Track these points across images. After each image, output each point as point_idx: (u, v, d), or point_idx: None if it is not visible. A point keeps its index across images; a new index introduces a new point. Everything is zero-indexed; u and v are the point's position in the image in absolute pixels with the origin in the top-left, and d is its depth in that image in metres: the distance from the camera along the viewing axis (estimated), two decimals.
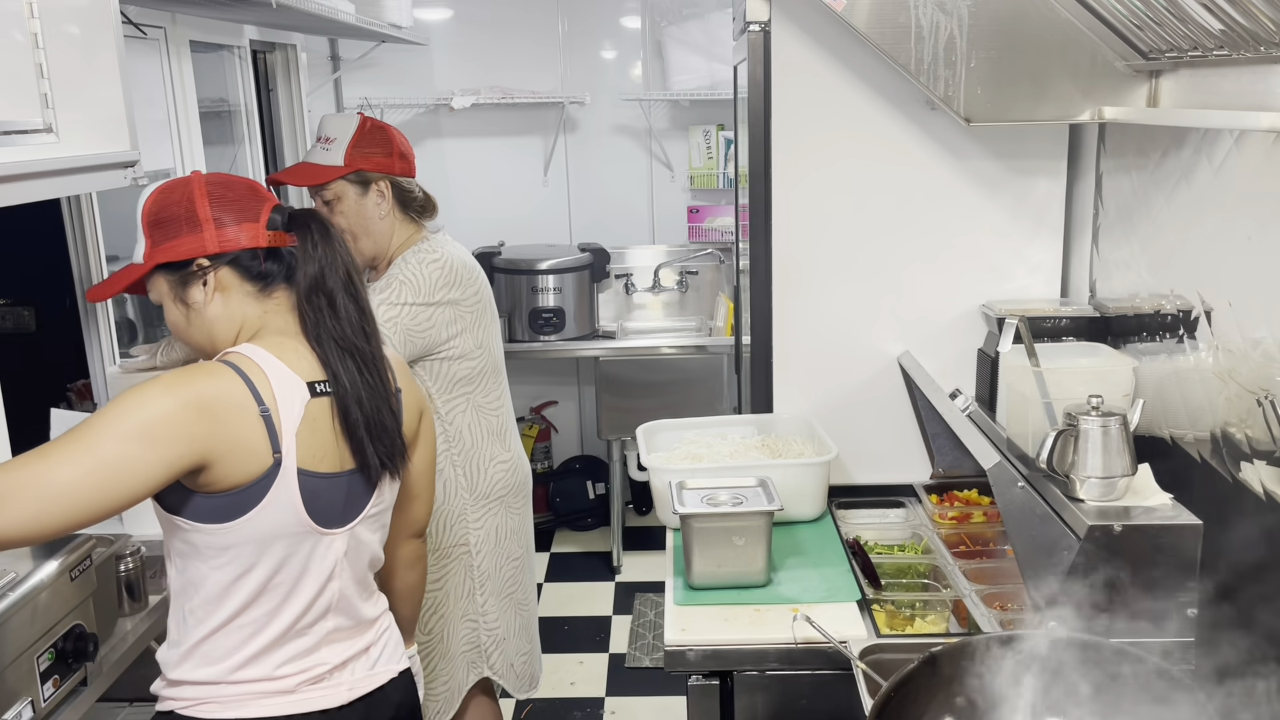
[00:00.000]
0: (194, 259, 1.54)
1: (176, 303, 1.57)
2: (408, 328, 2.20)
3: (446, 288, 2.25)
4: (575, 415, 5.01)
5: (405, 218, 2.36)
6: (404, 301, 2.20)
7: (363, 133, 2.30)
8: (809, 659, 1.81)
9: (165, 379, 1.43)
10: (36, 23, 1.75)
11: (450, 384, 2.31)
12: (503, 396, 2.43)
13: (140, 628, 1.94)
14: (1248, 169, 1.62)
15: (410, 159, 2.38)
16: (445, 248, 2.33)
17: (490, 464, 2.39)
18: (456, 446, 2.34)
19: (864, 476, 2.49)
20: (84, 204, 2.71)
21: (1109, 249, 2.16)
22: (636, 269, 4.65)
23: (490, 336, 2.37)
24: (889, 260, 2.39)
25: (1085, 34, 1.98)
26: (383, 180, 2.30)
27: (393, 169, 2.32)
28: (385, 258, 2.34)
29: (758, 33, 2.29)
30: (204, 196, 1.55)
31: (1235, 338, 1.64)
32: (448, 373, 2.30)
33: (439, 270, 2.26)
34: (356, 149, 2.28)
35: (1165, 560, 1.55)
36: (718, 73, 4.46)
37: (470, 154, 4.76)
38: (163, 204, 1.55)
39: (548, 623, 4.06)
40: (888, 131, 2.32)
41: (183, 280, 1.55)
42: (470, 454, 2.36)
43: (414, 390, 1.73)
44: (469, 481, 2.36)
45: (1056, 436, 1.66)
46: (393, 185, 2.32)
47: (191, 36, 3.23)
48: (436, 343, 2.26)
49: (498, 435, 2.40)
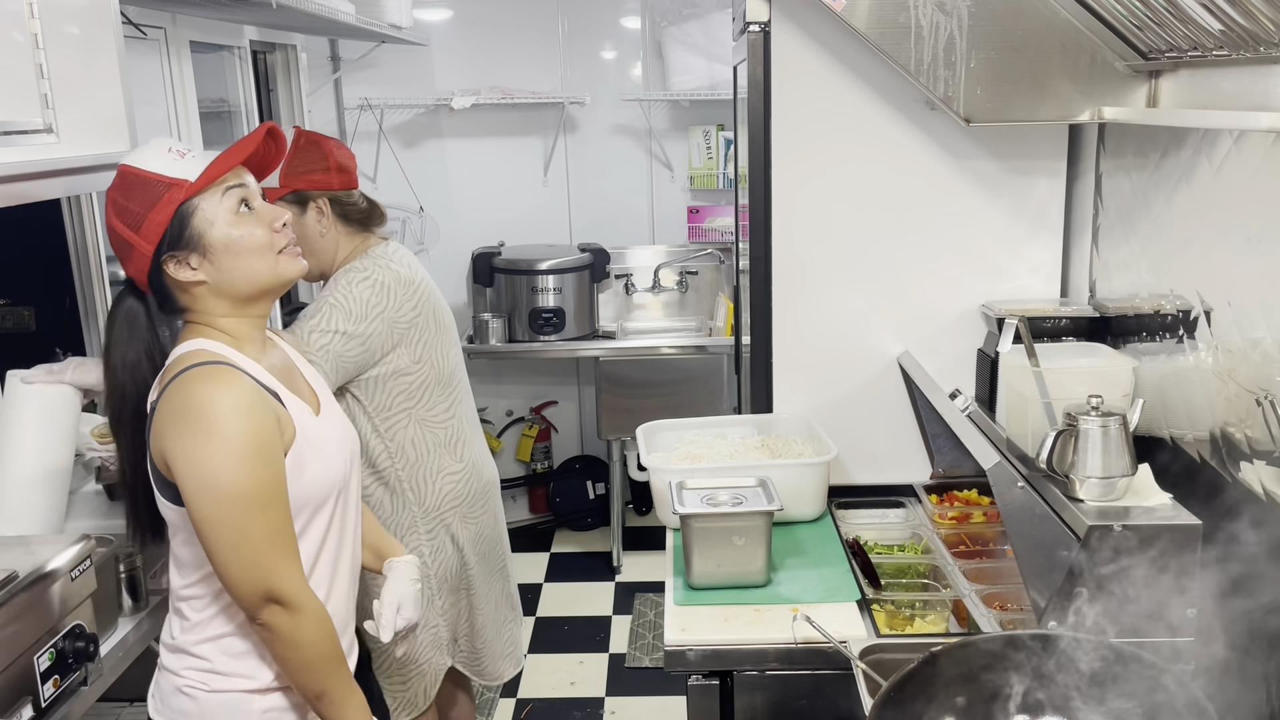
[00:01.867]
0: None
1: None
2: (339, 354, 2.14)
3: (379, 307, 2.20)
4: (575, 415, 5.01)
5: (349, 230, 2.32)
6: (334, 329, 2.14)
7: (296, 150, 2.25)
8: (809, 659, 1.82)
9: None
10: (36, 23, 1.75)
11: (387, 400, 2.26)
12: (453, 407, 2.36)
13: (140, 628, 1.94)
14: (1247, 169, 1.62)
15: (350, 170, 2.32)
16: (382, 262, 2.26)
17: (438, 476, 2.33)
18: (400, 461, 2.30)
19: (864, 476, 2.49)
20: (84, 204, 2.72)
21: (1109, 249, 2.16)
22: (636, 269, 4.65)
23: (433, 350, 2.31)
24: (889, 260, 2.39)
25: (1085, 34, 1.98)
26: (320, 198, 2.26)
27: (330, 184, 2.27)
28: (331, 273, 2.30)
29: (758, 33, 2.29)
30: None
31: (1235, 338, 1.64)
32: (383, 390, 2.25)
33: (369, 289, 2.20)
34: (291, 168, 2.24)
35: (1165, 560, 1.55)
36: (718, 73, 4.46)
37: (470, 154, 4.76)
38: None
39: (548, 623, 4.07)
40: (887, 132, 2.32)
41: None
42: (416, 468, 2.31)
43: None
44: (416, 495, 2.32)
45: (1056, 436, 1.66)
46: (331, 201, 2.28)
47: (191, 36, 3.23)
48: (369, 364, 2.21)
49: (447, 447, 2.35)
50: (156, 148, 1.56)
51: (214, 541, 1.48)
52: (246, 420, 1.48)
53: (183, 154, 1.55)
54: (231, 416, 1.47)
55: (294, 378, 1.69)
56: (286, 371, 1.68)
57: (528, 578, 4.46)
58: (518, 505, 4.96)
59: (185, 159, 1.55)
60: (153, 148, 1.56)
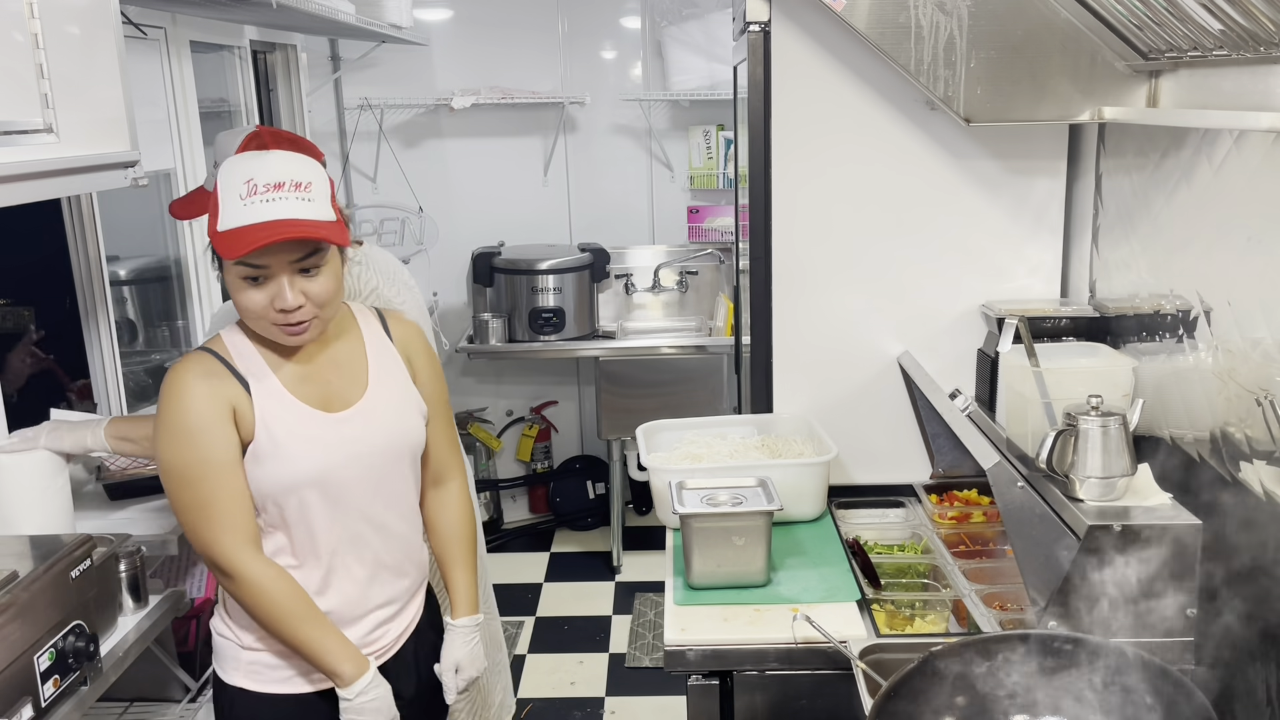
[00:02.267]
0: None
1: (344, 264, 1.73)
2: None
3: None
4: (575, 415, 5.01)
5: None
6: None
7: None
8: (809, 659, 1.82)
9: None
10: (36, 23, 1.75)
11: None
12: None
13: (140, 628, 1.94)
14: (1247, 169, 1.62)
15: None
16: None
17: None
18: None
19: (864, 476, 2.49)
20: (84, 204, 2.72)
21: (1109, 249, 2.16)
22: (636, 269, 4.65)
23: None
24: (889, 260, 2.39)
25: (1085, 34, 1.98)
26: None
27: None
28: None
29: (758, 33, 2.29)
30: None
31: (1235, 338, 1.64)
32: None
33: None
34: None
35: (1165, 560, 1.55)
36: (718, 73, 4.46)
37: (470, 154, 4.75)
38: (327, 177, 1.68)
39: (548, 623, 4.07)
40: (888, 132, 2.32)
41: (342, 247, 1.70)
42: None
43: None
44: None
45: (1056, 436, 1.66)
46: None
47: (191, 36, 3.23)
48: None
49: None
50: (236, 173, 1.59)
51: (172, 506, 1.66)
52: (182, 403, 1.61)
53: (252, 192, 1.57)
54: (170, 398, 1.62)
55: (326, 374, 1.73)
56: (317, 369, 1.72)
57: (528, 578, 4.46)
58: (518, 505, 4.96)
59: (248, 201, 1.57)
60: (234, 171, 1.59)
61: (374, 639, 1.78)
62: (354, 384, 1.75)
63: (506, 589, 4.34)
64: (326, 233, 1.60)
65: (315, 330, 1.66)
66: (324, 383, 1.73)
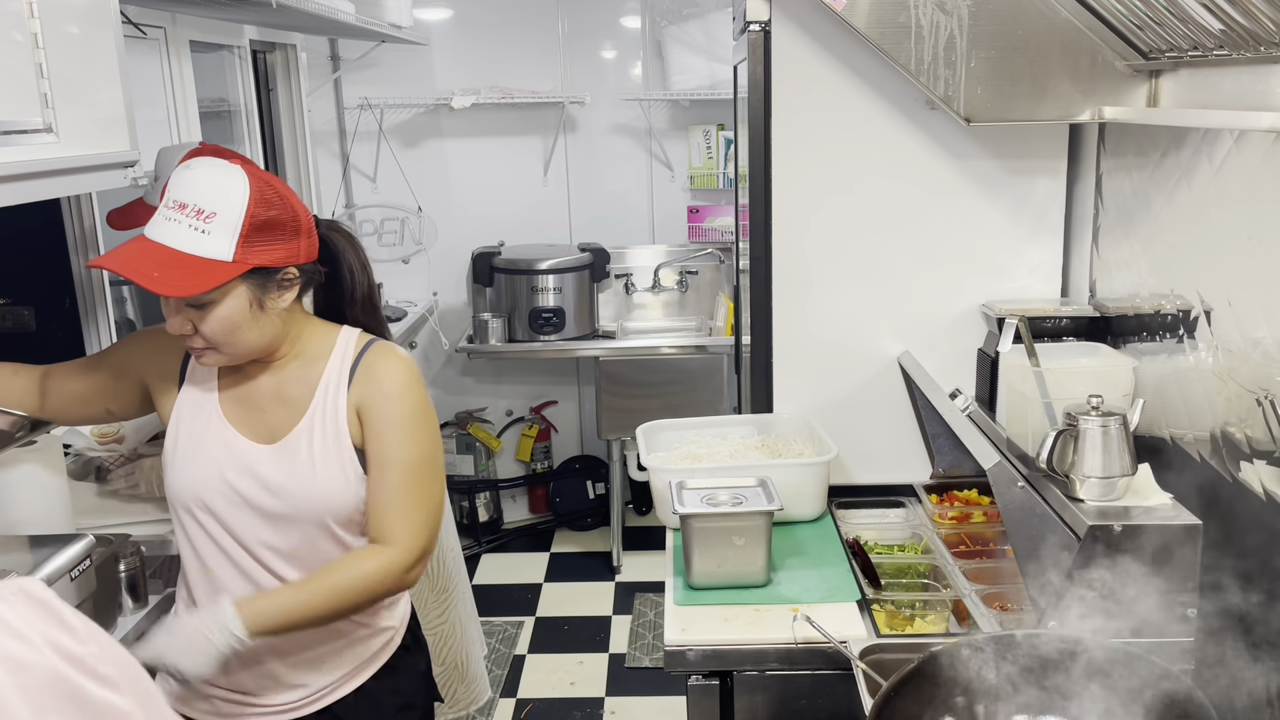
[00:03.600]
0: (286, 266, 1.54)
1: (252, 305, 1.53)
2: None
3: None
4: (575, 415, 5.01)
5: None
6: None
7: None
8: (809, 659, 1.81)
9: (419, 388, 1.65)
10: (36, 23, 1.75)
11: None
12: None
13: (140, 628, 1.94)
14: (1248, 169, 1.62)
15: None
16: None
17: None
18: None
19: (864, 476, 2.49)
20: (84, 204, 2.71)
21: (1109, 249, 2.16)
22: (636, 269, 4.65)
23: None
24: (889, 260, 2.39)
25: (1085, 34, 1.98)
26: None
27: None
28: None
29: (758, 33, 2.28)
30: (300, 203, 1.56)
31: (1235, 337, 1.64)
32: None
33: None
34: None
35: (1165, 560, 1.55)
36: (718, 73, 4.46)
37: (470, 154, 4.75)
38: (266, 207, 1.50)
39: (548, 623, 4.07)
40: (888, 131, 2.32)
41: (264, 284, 1.53)
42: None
43: None
44: None
45: (1056, 436, 1.66)
46: None
47: (191, 36, 3.23)
48: None
49: None
50: (171, 177, 1.54)
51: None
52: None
53: (163, 202, 1.52)
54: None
55: (264, 401, 1.63)
56: (257, 392, 1.64)
57: (528, 578, 4.46)
58: (518, 505, 4.96)
59: (159, 211, 1.52)
60: (173, 174, 1.55)
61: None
62: (286, 422, 1.62)
63: (506, 589, 4.35)
64: (177, 276, 1.43)
65: (215, 360, 1.56)
66: (258, 409, 1.63)
